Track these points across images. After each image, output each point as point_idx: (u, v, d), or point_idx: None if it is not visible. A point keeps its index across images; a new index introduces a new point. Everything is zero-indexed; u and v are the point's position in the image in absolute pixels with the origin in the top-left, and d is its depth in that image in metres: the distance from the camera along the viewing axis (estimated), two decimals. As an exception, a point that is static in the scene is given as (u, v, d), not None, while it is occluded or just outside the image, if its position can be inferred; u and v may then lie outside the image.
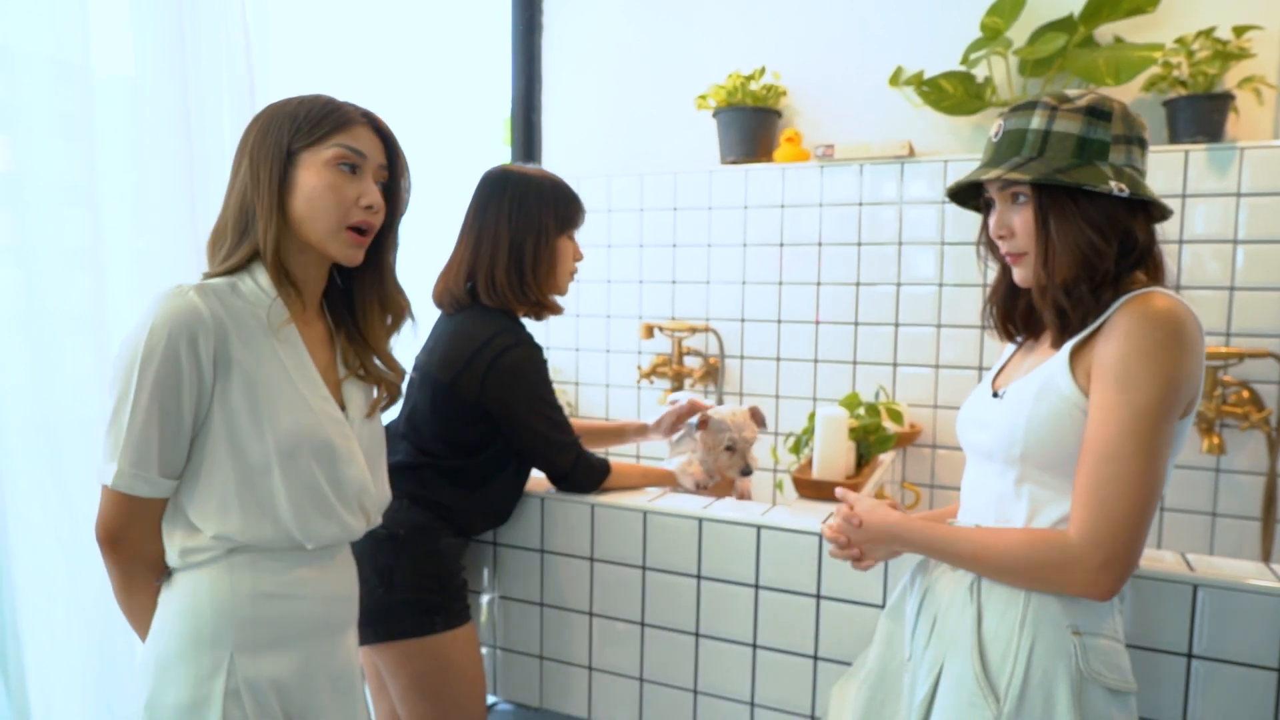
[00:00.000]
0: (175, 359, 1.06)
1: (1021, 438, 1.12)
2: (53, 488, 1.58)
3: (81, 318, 1.63)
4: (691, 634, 1.68)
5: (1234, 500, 2.20)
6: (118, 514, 1.09)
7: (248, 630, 1.13)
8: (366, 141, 1.17)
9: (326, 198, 1.13)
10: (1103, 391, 1.05)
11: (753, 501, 1.85)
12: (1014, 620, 1.11)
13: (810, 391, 2.61)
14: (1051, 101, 1.13)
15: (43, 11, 1.55)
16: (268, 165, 1.12)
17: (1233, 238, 2.14)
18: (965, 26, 2.36)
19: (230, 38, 1.86)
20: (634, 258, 2.82)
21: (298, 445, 1.13)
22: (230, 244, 1.14)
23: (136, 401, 1.06)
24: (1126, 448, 1.02)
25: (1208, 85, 2.14)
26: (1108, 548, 1.02)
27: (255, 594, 1.14)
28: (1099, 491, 1.03)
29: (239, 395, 1.10)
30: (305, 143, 1.13)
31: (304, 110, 1.14)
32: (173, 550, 1.13)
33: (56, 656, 1.60)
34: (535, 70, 2.99)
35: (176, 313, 1.06)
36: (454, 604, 1.63)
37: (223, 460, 1.11)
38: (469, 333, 1.65)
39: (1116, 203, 1.10)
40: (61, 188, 1.59)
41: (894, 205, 2.46)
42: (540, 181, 1.71)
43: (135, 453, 1.06)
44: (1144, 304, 1.06)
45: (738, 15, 2.69)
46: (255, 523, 1.12)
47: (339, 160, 1.13)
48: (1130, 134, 1.12)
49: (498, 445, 1.67)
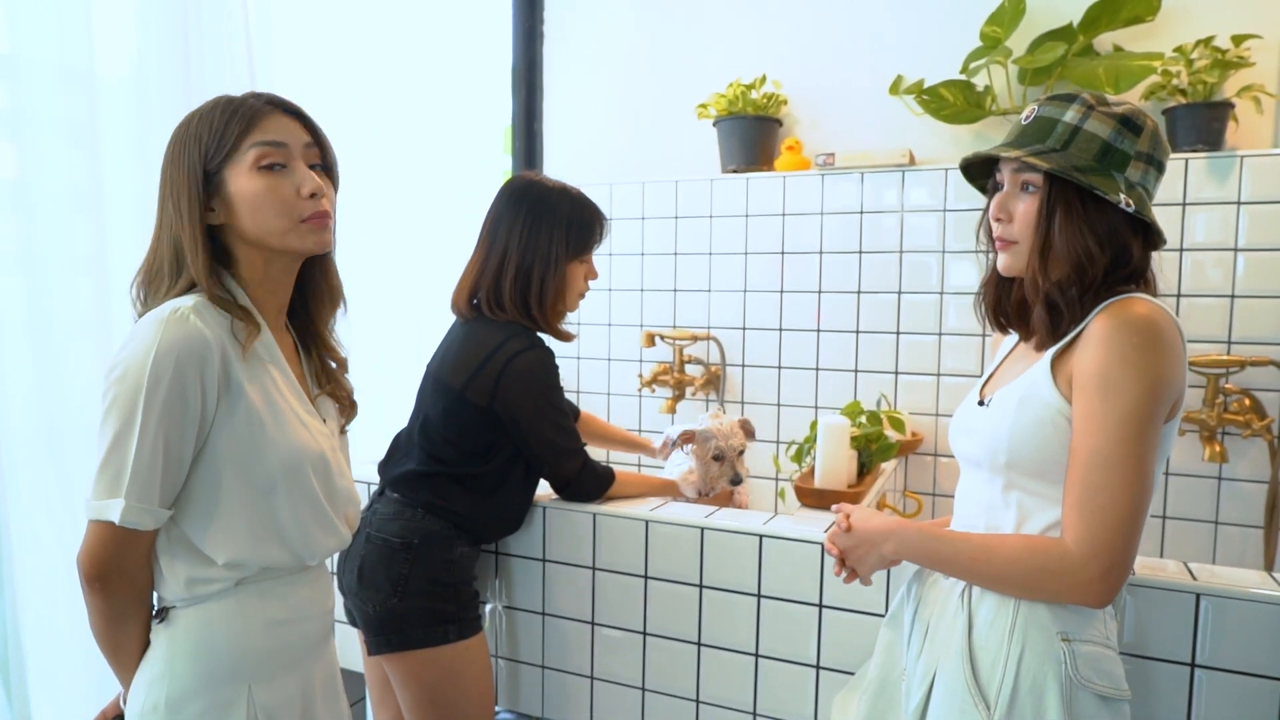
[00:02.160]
0: (182, 387, 1.02)
1: (1006, 446, 1.13)
2: (57, 494, 1.58)
3: (85, 323, 1.64)
4: (694, 643, 1.68)
5: (1236, 508, 2.20)
6: (113, 549, 1.03)
7: (263, 661, 1.12)
8: (282, 129, 1.09)
9: (266, 203, 1.07)
10: (1086, 400, 1.05)
11: (754, 510, 1.85)
12: (1004, 627, 1.11)
13: (812, 400, 2.61)
14: (1090, 100, 1.12)
15: (49, 18, 1.56)
16: (186, 195, 1.06)
17: (1233, 245, 2.14)
18: (965, 35, 2.37)
19: (233, 45, 1.88)
20: (635, 266, 2.82)
21: (299, 462, 1.12)
22: (169, 280, 1.08)
23: (143, 432, 1.01)
24: (1115, 455, 1.02)
25: (1207, 94, 2.15)
26: (1104, 556, 1.02)
27: (267, 623, 1.13)
28: (1091, 500, 1.03)
29: (242, 417, 1.07)
30: (220, 157, 1.07)
31: (206, 124, 1.07)
32: (176, 583, 1.09)
33: (59, 664, 1.59)
34: (536, 78, 3.00)
35: (183, 339, 1.02)
36: (466, 613, 1.63)
37: (229, 484, 1.08)
38: (481, 338, 1.65)
39: (1120, 217, 1.10)
40: (67, 194, 1.60)
41: (895, 213, 2.47)
42: (558, 204, 1.67)
43: (141, 486, 1.02)
44: (1121, 310, 1.07)
45: (739, 24, 2.70)
46: (264, 544, 1.11)
47: (261, 160, 1.07)
48: (1153, 155, 1.12)
49: (509, 451, 1.67)
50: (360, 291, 2.34)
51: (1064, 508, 1.06)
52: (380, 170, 2.41)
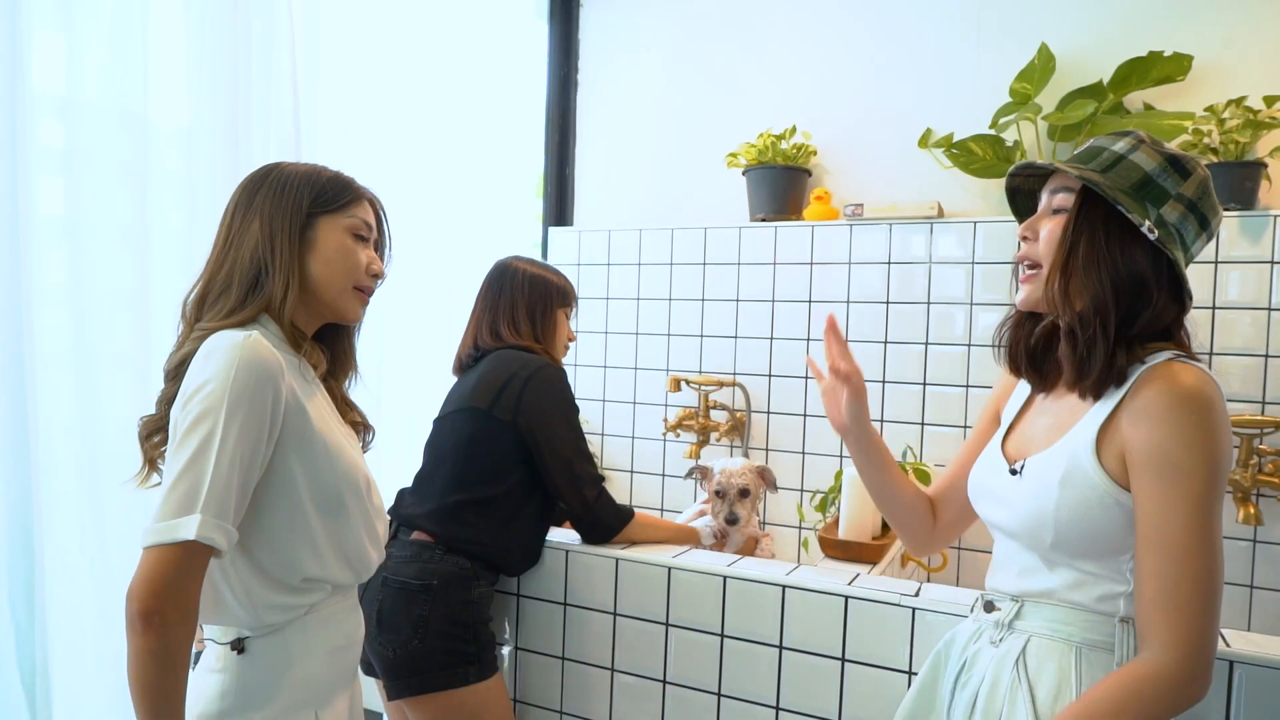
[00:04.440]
0: (262, 405, 1.05)
1: (1052, 527, 1.08)
2: (91, 526, 1.61)
3: (126, 357, 1.68)
4: (714, 693, 1.66)
5: (1273, 572, 2.15)
6: (174, 577, 0.97)
7: (325, 687, 1.18)
8: (372, 219, 1.26)
9: (345, 260, 1.20)
10: (1150, 484, 1.01)
11: (777, 560, 1.83)
12: (1069, 700, 1.06)
13: (837, 449, 2.60)
14: (1144, 137, 1.11)
15: (108, 64, 1.63)
16: (286, 225, 1.16)
17: (1267, 305, 2.12)
18: (995, 90, 2.40)
19: (280, 95, 1.94)
20: (663, 311, 2.85)
21: (356, 480, 1.19)
22: (237, 298, 1.14)
23: (223, 447, 1.01)
24: (1188, 543, 0.99)
25: (1239, 153, 2.15)
26: (1198, 655, 0.98)
27: (330, 650, 1.19)
28: (1173, 596, 0.99)
29: (308, 439, 1.13)
30: (325, 209, 1.19)
31: (323, 180, 1.21)
32: (249, 610, 1.10)
33: (86, 698, 1.60)
34: (569, 125, 3.07)
35: (259, 359, 1.06)
36: (485, 654, 1.63)
37: (302, 503, 1.12)
38: (502, 361, 1.74)
39: (1146, 259, 1.06)
40: (114, 231, 1.65)
41: (923, 264, 2.47)
42: (535, 275, 1.85)
43: (218, 501, 1.01)
44: (1170, 380, 1.02)
45: (769, 75, 2.75)
46: (331, 560, 1.16)
47: (354, 230, 1.22)
48: (1197, 203, 1.07)
49: (523, 472, 1.70)
50: (394, 333, 2.40)
51: (1141, 601, 1.02)
52: (418, 213, 2.46)
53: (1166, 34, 2.27)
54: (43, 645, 1.52)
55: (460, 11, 2.60)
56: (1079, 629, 1.09)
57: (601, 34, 3.02)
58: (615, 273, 2.92)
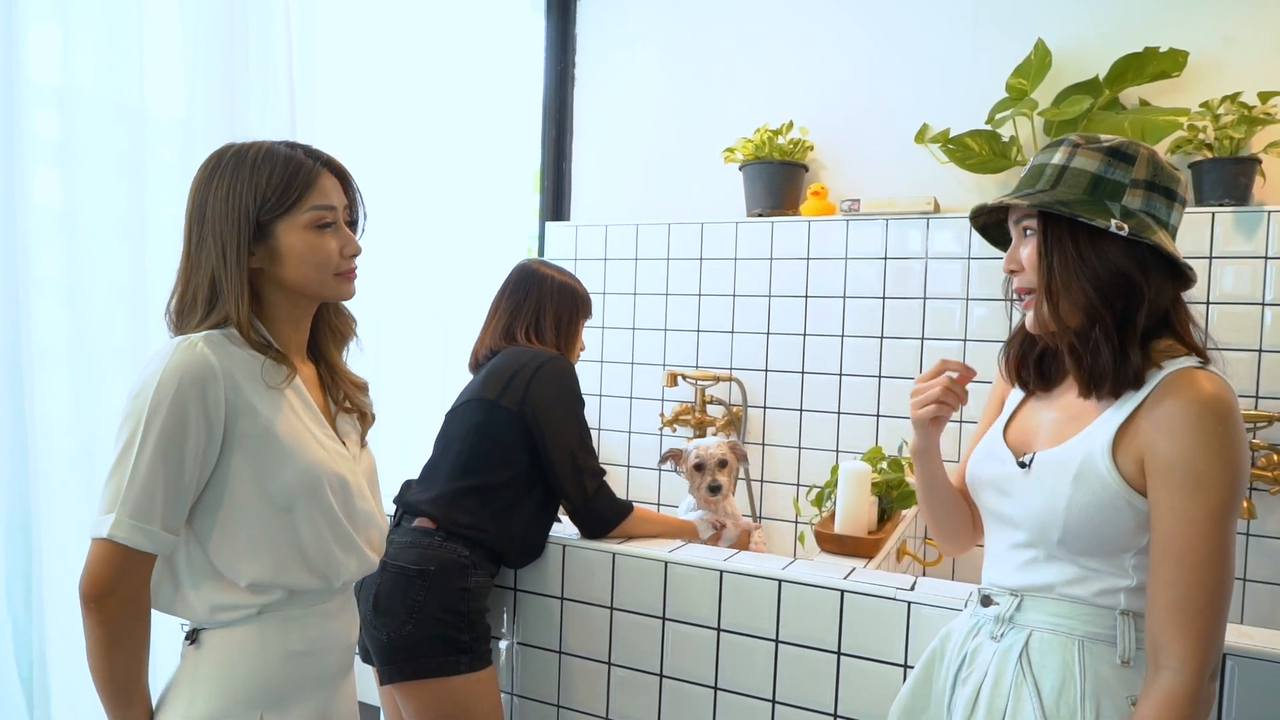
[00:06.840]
0: (183, 411, 1.05)
1: (1060, 525, 1.08)
2: (89, 519, 1.59)
3: (123, 349, 1.67)
4: (710, 687, 1.67)
5: (1265, 566, 2.16)
6: (109, 569, 1.04)
7: (275, 690, 1.14)
8: (333, 191, 1.18)
9: (314, 256, 1.15)
10: (1171, 492, 1.01)
11: (772, 554, 1.84)
12: (1073, 696, 1.06)
13: (833, 444, 2.61)
14: (1077, 140, 1.11)
15: (104, 55, 1.62)
16: (235, 240, 1.11)
17: (1260, 300, 2.13)
18: (991, 86, 2.40)
19: (275, 87, 1.94)
20: (659, 306, 2.85)
21: (317, 479, 1.15)
22: (202, 313, 1.13)
23: (140, 452, 1.04)
24: (1208, 554, 0.99)
25: (1233, 149, 2.16)
26: (1211, 663, 1.00)
27: (286, 654, 1.15)
28: (1190, 604, 0.99)
29: (258, 439, 1.11)
30: (276, 214, 1.13)
31: (264, 176, 1.12)
32: (201, 606, 1.12)
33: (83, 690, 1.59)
34: (566, 120, 3.06)
35: (187, 365, 1.06)
36: (478, 645, 1.63)
37: (248, 503, 1.11)
38: (514, 354, 1.77)
39: (1122, 251, 1.06)
40: (111, 224, 1.65)
41: (919, 260, 2.48)
42: (564, 283, 1.89)
43: (135, 504, 1.04)
44: (1192, 388, 1.02)
45: (766, 70, 2.75)
46: (286, 564, 1.13)
47: (315, 221, 1.15)
48: (1155, 180, 1.08)
49: (526, 461, 1.71)
50: (391, 327, 2.39)
51: (1154, 607, 1.02)
52: (414, 207, 2.46)
53: (1162, 30, 2.28)
54: (40, 639, 1.52)
55: (457, 5, 2.59)
56: (1081, 622, 1.09)
57: (599, 28, 3.02)
58: (612, 267, 2.92)
